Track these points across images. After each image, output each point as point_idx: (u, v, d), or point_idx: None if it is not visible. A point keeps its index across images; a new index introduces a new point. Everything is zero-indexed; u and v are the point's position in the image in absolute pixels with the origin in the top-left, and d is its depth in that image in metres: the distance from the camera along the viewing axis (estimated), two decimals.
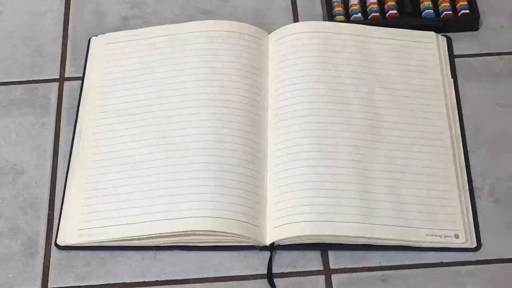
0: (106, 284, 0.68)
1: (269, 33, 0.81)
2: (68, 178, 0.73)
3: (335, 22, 0.81)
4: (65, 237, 0.69)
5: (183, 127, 0.74)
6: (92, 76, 0.79)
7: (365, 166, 0.72)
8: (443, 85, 0.77)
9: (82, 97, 0.78)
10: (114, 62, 0.80)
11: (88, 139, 0.74)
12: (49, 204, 0.72)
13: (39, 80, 0.80)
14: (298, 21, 0.84)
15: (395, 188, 0.71)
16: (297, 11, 0.85)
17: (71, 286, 0.68)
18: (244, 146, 0.73)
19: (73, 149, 0.74)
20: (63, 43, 0.83)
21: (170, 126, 0.74)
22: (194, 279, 0.68)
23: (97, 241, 0.69)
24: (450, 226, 0.69)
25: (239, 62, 0.78)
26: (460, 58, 0.80)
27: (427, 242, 0.68)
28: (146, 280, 0.68)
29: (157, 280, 0.68)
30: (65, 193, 0.72)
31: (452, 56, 0.80)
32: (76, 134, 0.75)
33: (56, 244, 0.69)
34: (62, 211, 0.71)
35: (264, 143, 0.74)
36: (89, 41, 0.81)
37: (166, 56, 0.80)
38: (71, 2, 0.86)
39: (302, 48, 0.79)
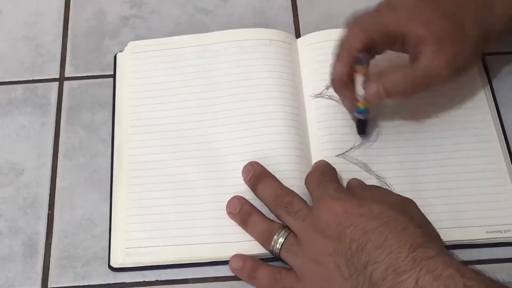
0: (106, 284, 0.68)
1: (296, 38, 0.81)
2: (112, 195, 0.72)
3: None
4: (115, 257, 0.68)
5: (224, 146, 0.73)
6: (122, 90, 0.78)
7: (413, 172, 0.71)
8: (481, 80, 0.77)
9: (115, 112, 0.76)
10: (143, 73, 0.78)
11: (125, 154, 0.73)
12: (49, 204, 0.72)
13: (39, 80, 0.80)
14: (298, 21, 0.84)
15: (447, 190, 0.70)
16: (297, 10, 0.85)
17: (71, 286, 0.68)
18: (289, 157, 0.72)
19: (113, 165, 0.73)
20: (63, 43, 0.83)
21: (211, 145, 0.73)
22: (193, 279, 0.68)
23: (145, 261, 0.68)
24: (510, 220, 0.69)
25: (273, 70, 0.77)
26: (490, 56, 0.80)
27: (488, 239, 0.68)
28: (146, 280, 0.68)
29: (157, 280, 0.68)
30: (112, 211, 0.71)
31: None
32: (114, 151, 0.74)
33: (109, 267, 0.68)
34: (111, 231, 0.70)
35: (309, 151, 0.73)
36: (115, 57, 0.81)
37: (197, 69, 0.78)
38: (71, 2, 0.86)
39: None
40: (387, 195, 0.66)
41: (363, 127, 0.73)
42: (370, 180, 0.71)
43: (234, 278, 0.68)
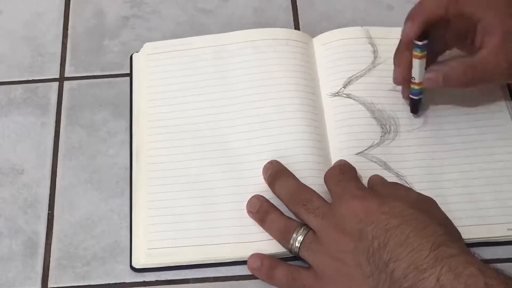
0: (106, 284, 0.68)
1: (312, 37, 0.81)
2: (132, 196, 0.72)
3: (382, 27, 0.80)
4: (137, 258, 0.68)
5: (242, 145, 0.73)
6: (139, 91, 0.78)
7: (433, 170, 0.71)
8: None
9: (133, 114, 0.76)
10: (160, 74, 0.78)
11: (144, 155, 0.73)
12: (49, 204, 0.72)
13: (39, 80, 0.80)
14: (298, 21, 0.84)
15: (467, 188, 0.70)
16: (297, 10, 0.85)
17: (71, 286, 0.68)
18: (308, 157, 0.72)
19: (132, 166, 0.73)
20: (63, 43, 0.83)
21: (229, 145, 0.73)
22: (194, 279, 0.68)
23: (167, 262, 0.68)
24: None
25: (290, 69, 0.77)
26: None
27: (509, 236, 0.68)
28: (146, 280, 0.68)
29: (157, 280, 0.68)
30: (132, 212, 0.71)
31: None
32: (133, 151, 0.74)
33: (131, 267, 0.68)
34: (132, 232, 0.70)
35: (328, 150, 0.73)
36: (131, 57, 0.81)
37: (214, 69, 0.78)
38: (71, 2, 0.86)
39: (352, 55, 0.78)
40: (408, 193, 0.66)
41: (417, 107, 0.74)
42: (390, 179, 0.70)
43: (234, 278, 0.68)
